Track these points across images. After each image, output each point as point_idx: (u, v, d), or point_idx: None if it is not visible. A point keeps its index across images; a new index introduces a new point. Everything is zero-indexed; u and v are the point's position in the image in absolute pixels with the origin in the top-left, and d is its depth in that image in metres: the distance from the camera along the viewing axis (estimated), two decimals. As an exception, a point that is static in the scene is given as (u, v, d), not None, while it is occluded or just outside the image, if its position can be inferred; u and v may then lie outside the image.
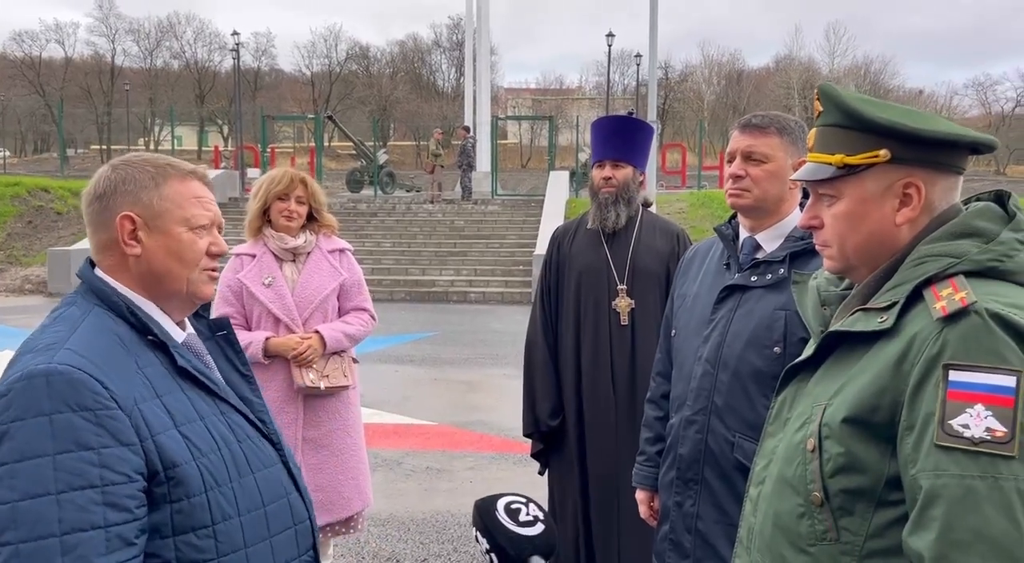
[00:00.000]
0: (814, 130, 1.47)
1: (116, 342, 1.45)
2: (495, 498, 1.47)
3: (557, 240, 3.50)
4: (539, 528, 1.42)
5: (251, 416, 1.60)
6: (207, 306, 1.68)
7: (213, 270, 1.59)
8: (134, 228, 1.52)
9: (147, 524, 1.37)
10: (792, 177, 1.55)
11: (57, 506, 1.27)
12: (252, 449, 1.55)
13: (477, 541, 1.43)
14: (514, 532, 1.40)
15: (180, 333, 1.59)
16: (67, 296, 1.55)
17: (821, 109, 1.45)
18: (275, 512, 1.55)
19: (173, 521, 1.39)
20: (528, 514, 1.44)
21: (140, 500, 1.35)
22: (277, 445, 1.62)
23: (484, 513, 1.43)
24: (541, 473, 3.60)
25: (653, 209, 3.55)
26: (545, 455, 3.51)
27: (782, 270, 2.15)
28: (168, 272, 1.53)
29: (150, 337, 1.49)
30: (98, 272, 1.55)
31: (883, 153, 1.36)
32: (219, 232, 1.61)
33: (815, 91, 1.47)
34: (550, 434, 3.43)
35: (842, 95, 1.41)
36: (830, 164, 1.40)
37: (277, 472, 1.59)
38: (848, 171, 1.39)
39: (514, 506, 1.45)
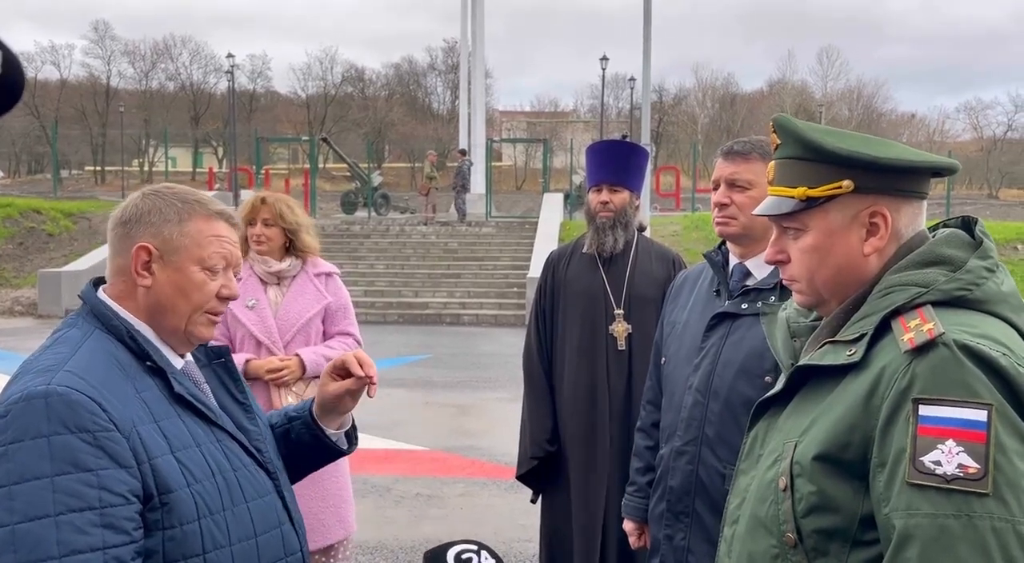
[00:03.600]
0: (773, 163, 1.44)
1: (115, 366, 1.45)
2: (445, 548, 1.42)
3: (552, 264, 3.46)
4: None
5: (247, 444, 1.59)
6: None
7: (216, 314, 1.58)
8: (148, 260, 1.53)
9: (143, 547, 1.36)
10: (754, 212, 1.51)
11: (56, 528, 1.27)
12: (247, 477, 1.54)
13: None
14: None
15: (179, 360, 1.59)
16: (68, 317, 1.57)
17: (779, 141, 1.42)
18: (267, 542, 1.54)
19: (165, 548, 1.39)
20: None
21: (137, 522, 1.35)
22: (273, 474, 1.61)
23: None
24: (533, 501, 3.53)
25: (648, 233, 3.51)
26: (537, 481, 3.45)
27: (772, 298, 2.12)
28: (173, 308, 1.54)
29: (148, 363, 1.50)
30: (100, 294, 1.56)
31: (846, 184, 1.33)
32: (236, 274, 1.61)
33: (770, 123, 1.44)
34: (546, 459, 3.36)
35: (800, 127, 1.38)
36: (792, 197, 1.37)
37: (271, 501, 1.58)
38: (811, 203, 1.36)
39: (465, 556, 1.40)
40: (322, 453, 1.81)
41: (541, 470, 3.39)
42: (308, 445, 1.78)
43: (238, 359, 3.31)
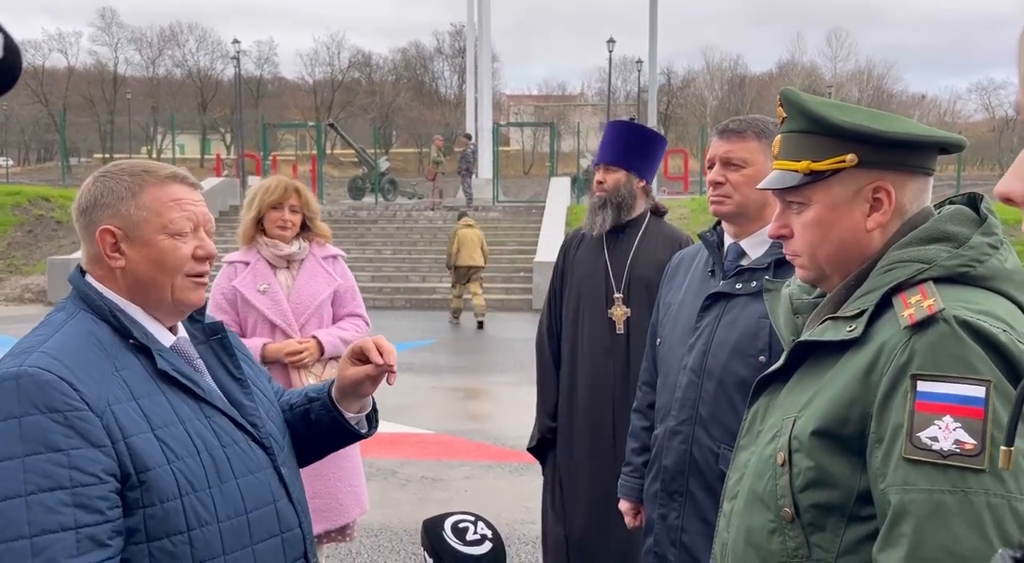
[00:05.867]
0: (779, 137, 1.43)
1: (94, 344, 1.45)
2: (443, 517, 1.44)
3: (565, 246, 3.48)
4: (486, 547, 1.39)
5: (240, 420, 1.57)
6: (203, 310, 1.67)
7: (200, 276, 1.57)
8: (115, 241, 1.52)
9: (122, 526, 1.36)
10: (758, 186, 1.51)
11: (26, 508, 1.27)
12: (237, 454, 1.53)
13: (425, 562, 1.40)
14: (460, 552, 1.38)
15: (170, 337, 1.58)
16: (60, 302, 1.57)
17: (784, 115, 1.41)
18: (259, 519, 1.53)
19: (146, 526, 1.38)
20: (476, 532, 1.41)
21: (113, 501, 1.35)
22: (269, 449, 1.60)
23: (431, 533, 1.41)
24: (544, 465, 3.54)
25: (666, 217, 3.47)
26: (544, 455, 3.49)
27: (767, 277, 2.11)
28: (153, 281, 1.53)
29: (131, 340, 1.49)
30: (88, 278, 1.56)
31: (850, 158, 1.32)
32: (208, 233, 1.60)
33: (777, 97, 1.43)
34: (555, 436, 3.41)
35: (805, 100, 1.37)
36: (796, 171, 1.37)
37: (265, 477, 1.56)
38: (815, 177, 1.35)
39: (461, 525, 1.42)
40: (341, 435, 1.79)
41: (551, 445, 3.44)
42: (327, 427, 1.76)
43: (254, 343, 3.36)
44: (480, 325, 13.56)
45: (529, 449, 3.53)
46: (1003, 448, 0.98)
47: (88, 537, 1.30)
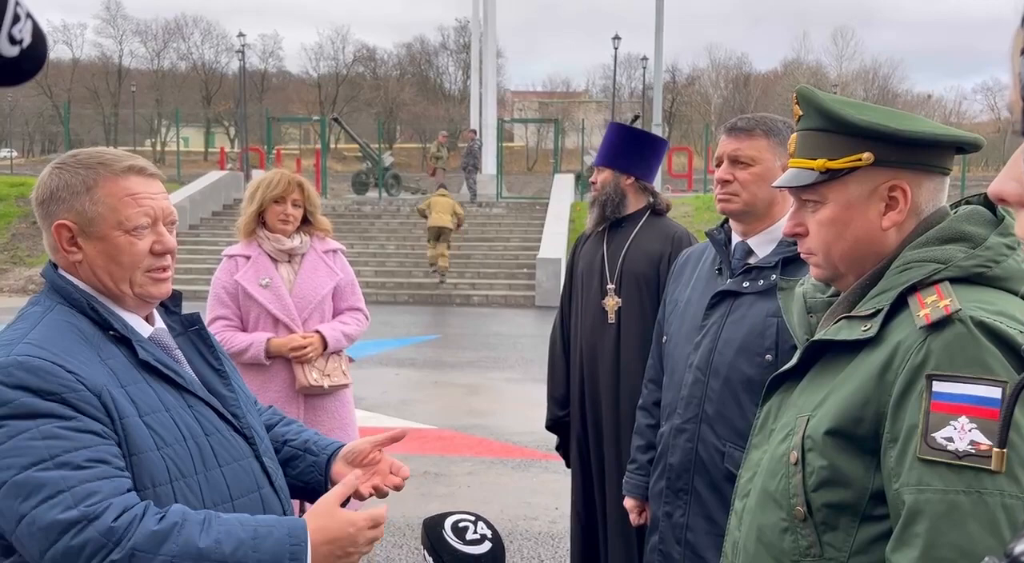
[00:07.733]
0: (795, 135, 1.43)
1: (78, 336, 1.45)
2: (443, 516, 1.45)
3: (575, 244, 3.63)
4: (486, 546, 1.39)
5: (221, 410, 1.58)
6: (178, 302, 1.67)
7: (161, 270, 1.55)
8: (72, 235, 1.51)
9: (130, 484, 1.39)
10: (774, 184, 1.51)
11: (57, 469, 1.31)
12: (221, 442, 1.54)
13: (425, 560, 1.41)
14: (460, 551, 1.38)
15: (147, 328, 1.58)
16: (33, 296, 1.56)
17: (801, 113, 1.41)
18: (244, 507, 1.53)
19: None
20: (476, 532, 1.41)
21: (124, 463, 1.38)
22: (250, 439, 1.61)
23: (431, 532, 1.41)
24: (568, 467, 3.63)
25: (669, 214, 3.55)
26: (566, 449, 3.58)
27: (774, 276, 2.11)
28: (110, 275, 1.52)
29: (111, 332, 1.49)
30: (61, 271, 1.55)
31: (866, 156, 1.32)
32: (168, 225, 1.56)
33: (793, 95, 1.43)
34: (567, 427, 3.50)
35: (821, 98, 1.37)
36: (812, 169, 1.36)
37: (248, 466, 1.57)
38: (831, 176, 1.35)
39: (462, 524, 1.42)
40: (310, 496, 1.76)
41: (567, 437, 3.54)
42: (304, 483, 1.75)
43: (259, 337, 3.36)
44: (441, 281, 16.16)
45: (557, 448, 3.63)
46: (995, 450, 0.98)
47: (118, 485, 1.34)
